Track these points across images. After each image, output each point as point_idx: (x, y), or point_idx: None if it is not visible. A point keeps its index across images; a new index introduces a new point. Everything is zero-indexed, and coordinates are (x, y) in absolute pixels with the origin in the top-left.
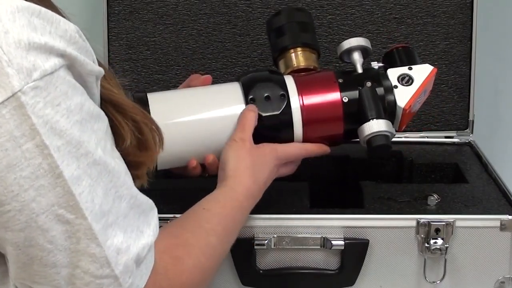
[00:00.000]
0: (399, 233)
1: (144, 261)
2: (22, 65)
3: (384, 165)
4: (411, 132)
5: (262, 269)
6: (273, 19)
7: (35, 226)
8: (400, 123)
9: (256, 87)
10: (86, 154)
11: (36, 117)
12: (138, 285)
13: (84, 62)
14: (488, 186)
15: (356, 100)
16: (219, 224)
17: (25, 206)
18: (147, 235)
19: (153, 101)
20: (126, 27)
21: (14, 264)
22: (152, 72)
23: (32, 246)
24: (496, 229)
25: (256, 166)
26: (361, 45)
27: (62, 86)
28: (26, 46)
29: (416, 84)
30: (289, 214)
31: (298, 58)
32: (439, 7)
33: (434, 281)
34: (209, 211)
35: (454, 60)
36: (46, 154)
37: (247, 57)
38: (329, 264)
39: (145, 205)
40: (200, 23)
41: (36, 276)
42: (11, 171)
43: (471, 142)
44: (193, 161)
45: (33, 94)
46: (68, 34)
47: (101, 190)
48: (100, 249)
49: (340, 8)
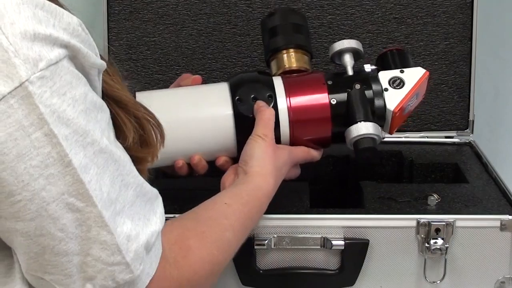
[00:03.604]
0: (399, 233)
1: (153, 249)
2: (29, 55)
3: (384, 165)
4: (411, 132)
5: (262, 269)
6: (267, 19)
7: (46, 215)
8: (391, 126)
9: (244, 87)
10: (92, 143)
11: (43, 106)
12: (148, 273)
13: (87, 54)
14: (488, 186)
15: (344, 102)
16: (238, 220)
17: (35, 195)
18: (154, 222)
19: (140, 100)
20: (126, 27)
21: (25, 255)
22: (152, 72)
23: (43, 235)
24: (496, 229)
25: (279, 167)
26: (352, 47)
27: (67, 76)
28: (31, 37)
29: (407, 87)
30: (289, 214)
31: (290, 59)
32: (439, 7)
33: (434, 281)
34: (230, 207)
35: (454, 60)
36: (54, 142)
37: (247, 57)
38: (329, 264)
39: (151, 193)
40: (200, 23)
41: (47, 266)
42: (21, 160)
43: (471, 142)
44: (179, 161)
45: (40, 83)
46: (71, 27)
47: (108, 179)
48: (111, 236)
49: (340, 8)
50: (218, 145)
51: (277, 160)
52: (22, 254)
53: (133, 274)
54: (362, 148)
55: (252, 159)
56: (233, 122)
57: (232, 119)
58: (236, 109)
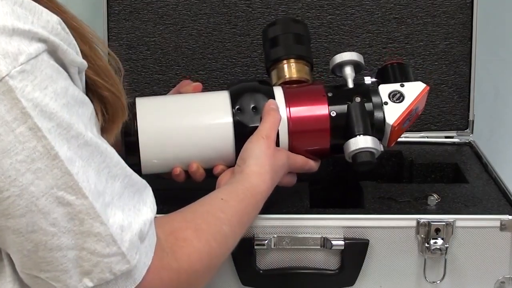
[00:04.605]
0: (399, 233)
1: (147, 238)
2: (8, 49)
3: (384, 165)
4: (411, 132)
5: (262, 269)
6: (269, 29)
7: (36, 210)
8: (389, 140)
9: (244, 97)
10: (77, 136)
11: (26, 100)
12: (144, 262)
13: (66, 51)
14: (488, 186)
15: (344, 115)
16: (234, 216)
17: (23, 190)
18: (145, 212)
19: (140, 106)
20: (126, 27)
21: (19, 253)
22: (152, 72)
23: (35, 232)
24: (496, 229)
25: (276, 169)
26: (353, 59)
27: (47, 70)
28: (9, 32)
29: (407, 101)
30: (289, 214)
31: (290, 69)
32: (439, 7)
33: (434, 281)
34: (227, 203)
35: (454, 60)
36: (39, 136)
37: (247, 57)
38: (329, 264)
39: (140, 184)
40: (200, 23)
41: (42, 263)
42: (6, 156)
43: (471, 142)
44: (176, 169)
45: (21, 78)
46: (50, 24)
47: (93, 171)
48: (105, 227)
49: (340, 8)
50: (216, 153)
51: (276, 162)
52: (16, 253)
53: (129, 264)
54: (360, 162)
55: (250, 158)
56: (233, 132)
57: (232, 129)
58: (236, 119)
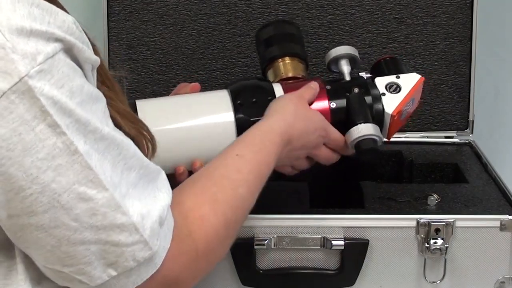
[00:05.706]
0: (399, 233)
1: (166, 222)
2: (26, 50)
3: (384, 165)
4: (411, 132)
5: (262, 269)
6: (262, 31)
7: (59, 206)
8: (389, 132)
9: (244, 92)
10: (94, 131)
11: (45, 98)
12: (164, 246)
13: (82, 49)
14: (488, 186)
15: (344, 106)
16: (251, 172)
17: (45, 187)
18: (161, 198)
19: (141, 108)
20: (126, 27)
21: (42, 249)
22: (152, 72)
23: (58, 227)
24: (496, 229)
25: (303, 118)
26: (349, 53)
27: (64, 68)
28: (27, 33)
29: (404, 91)
30: (289, 214)
31: (286, 67)
32: (439, 7)
33: (434, 281)
34: (242, 158)
35: (454, 60)
36: (59, 132)
37: (247, 57)
38: (329, 264)
39: (154, 172)
40: (200, 23)
41: (66, 258)
42: (27, 154)
43: (471, 142)
44: (180, 168)
45: (39, 77)
46: (66, 24)
47: (109, 164)
48: (127, 217)
49: (340, 8)
50: (220, 149)
51: (302, 110)
52: (38, 249)
53: (151, 251)
54: (364, 149)
55: (272, 104)
56: (235, 126)
57: (234, 123)
58: (238, 113)
